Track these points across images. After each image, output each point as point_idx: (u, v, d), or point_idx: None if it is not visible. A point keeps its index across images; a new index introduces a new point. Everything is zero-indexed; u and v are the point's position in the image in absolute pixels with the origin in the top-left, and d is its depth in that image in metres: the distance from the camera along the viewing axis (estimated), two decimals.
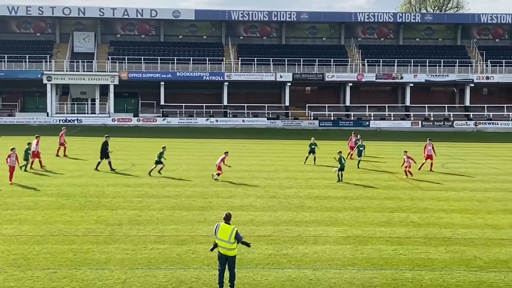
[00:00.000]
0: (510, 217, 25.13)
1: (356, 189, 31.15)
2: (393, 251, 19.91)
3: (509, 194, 30.46)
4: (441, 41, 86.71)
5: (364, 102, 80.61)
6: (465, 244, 20.88)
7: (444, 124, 76.84)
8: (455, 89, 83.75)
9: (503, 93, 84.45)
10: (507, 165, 41.70)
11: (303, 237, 21.43)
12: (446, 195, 30.05)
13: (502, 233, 22.46)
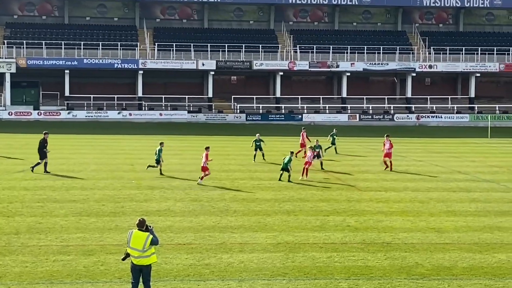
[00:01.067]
0: (454, 220, 25.89)
1: (288, 190, 31.43)
2: (328, 258, 20.19)
3: (453, 194, 31.37)
4: (380, 26, 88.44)
5: (296, 93, 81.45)
6: (406, 250, 21.37)
7: (384, 118, 78.48)
8: (395, 79, 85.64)
9: (447, 83, 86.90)
10: (451, 163, 42.95)
11: (227, 244, 21.47)
12: (385, 196, 30.69)
13: (446, 237, 23.11)
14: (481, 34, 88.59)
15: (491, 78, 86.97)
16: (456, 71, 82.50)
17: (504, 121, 78.45)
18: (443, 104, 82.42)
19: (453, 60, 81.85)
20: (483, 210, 27.83)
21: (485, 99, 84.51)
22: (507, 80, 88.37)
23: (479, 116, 78.80)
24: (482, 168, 40.72)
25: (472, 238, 22.97)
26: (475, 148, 53.24)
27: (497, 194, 31.81)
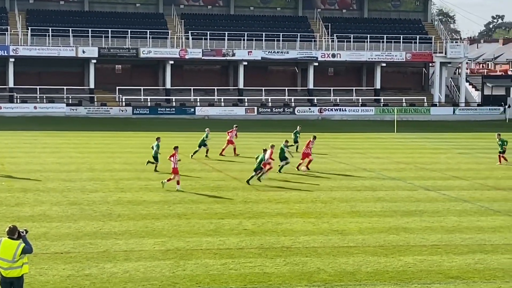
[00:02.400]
0: (358, 221, 26.45)
1: (178, 191, 31.34)
2: (222, 265, 20.26)
3: (357, 194, 32.07)
4: (280, 11, 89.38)
5: (188, 85, 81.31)
6: (307, 254, 21.68)
7: (284, 111, 79.38)
8: (296, 68, 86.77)
9: (352, 73, 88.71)
10: (355, 159, 43.91)
11: (111, 252, 21.24)
12: (285, 196, 31.06)
13: (350, 240, 23.60)
14: (386, 21, 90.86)
15: (397, 68, 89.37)
16: (361, 60, 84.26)
17: (411, 114, 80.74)
18: (347, 96, 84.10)
19: (358, 48, 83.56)
20: (389, 210, 28.56)
21: (392, 90, 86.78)
22: (414, 71, 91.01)
23: (385, 109, 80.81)
24: (388, 165, 41.81)
25: (377, 241, 23.53)
26: (380, 144, 54.59)
27: (403, 192, 32.72)
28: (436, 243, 23.31)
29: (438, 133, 64.72)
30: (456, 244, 23.27)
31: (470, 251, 22.44)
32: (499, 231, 25.25)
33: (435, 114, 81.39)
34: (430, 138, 59.91)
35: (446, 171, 39.62)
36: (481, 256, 21.76)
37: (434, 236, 24.31)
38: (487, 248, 22.77)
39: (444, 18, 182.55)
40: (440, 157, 45.75)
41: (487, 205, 30.09)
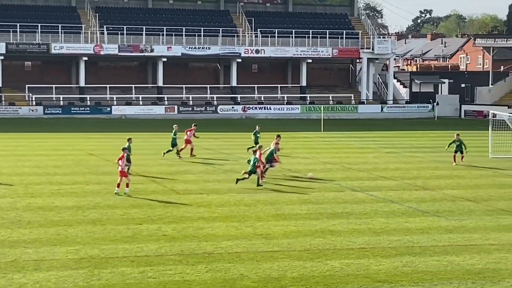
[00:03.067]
0: (283, 224, 26.59)
1: (93, 195, 31.02)
2: (140, 274, 20.11)
3: (283, 196, 32.24)
4: (201, 4, 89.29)
5: (104, 82, 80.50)
6: (229, 260, 21.69)
7: (206, 110, 79.35)
8: (218, 65, 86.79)
9: (276, 70, 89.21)
10: (281, 160, 44.04)
11: (20, 262, 20.88)
12: (207, 199, 31.03)
13: (274, 244, 23.70)
14: (312, 16, 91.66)
15: (323, 65, 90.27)
16: (286, 56, 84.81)
17: (338, 112, 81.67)
18: (272, 93, 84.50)
19: (283, 44, 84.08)
20: (315, 213, 28.79)
21: (318, 88, 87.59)
22: (340, 67, 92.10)
23: (312, 107, 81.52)
24: (315, 166, 42.16)
25: (303, 244, 23.69)
26: (307, 143, 55.03)
27: (330, 194, 33.03)
28: (364, 246, 23.60)
29: (365, 132, 65.58)
30: (384, 246, 23.60)
31: (398, 253, 22.78)
32: (427, 232, 25.71)
33: (363, 112, 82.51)
34: (358, 137, 60.66)
35: (373, 171, 40.16)
36: (409, 259, 22.11)
37: (361, 238, 24.61)
38: (415, 250, 23.16)
39: (371, 12, 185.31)
40: (367, 157, 46.36)
41: (415, 205, 30.61)
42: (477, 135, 57.57)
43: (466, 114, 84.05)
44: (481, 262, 21.89)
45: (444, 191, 34.14)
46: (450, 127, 70.56)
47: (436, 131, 67.37)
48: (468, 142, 54.24)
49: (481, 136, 53.72)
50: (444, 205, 30.76)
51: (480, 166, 42.30)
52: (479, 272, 20.88)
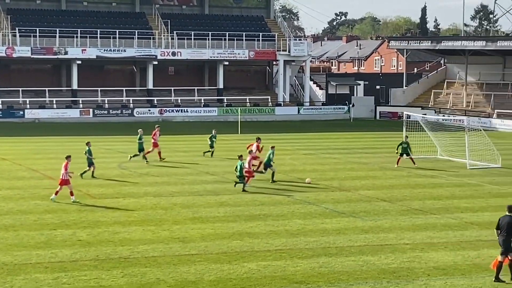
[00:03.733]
0: (200, 227, 26.58)
1: (6, 201, 30.50)
2: (54, 280, 19.84)
3: (200, 199, 32.22)
4: (116, 6, 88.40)
5: (16, 85, 78.95)
6: (146, 265, 21.57)
7: (122, 113, 78.58)
8: (134, 67, 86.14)
9: (193, 73, 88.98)
10: (198, 163, 44.00)
11: None
12: (123, 203, 30.78)
13: (192, 247, 23.67)
14: (228, 18, 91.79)
15: (240, 67, 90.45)
16: (203, 58, 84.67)
17: (255, 114, 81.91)
18: (189, 96, 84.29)
19: (199, 46, 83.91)
20: (233, 215, 28.86)
21: (235, 90, 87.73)
22: (257, 69, 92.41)
23: (229, 109, 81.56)
24: (232, 168, 42.13)
25: (220, 247, 23.72)
26: (224, 146, 54.94)
27: (247, 196, 33.16)
28: (281, 248, 23.75)
29: (283, 134, 65.93)
30: (301, 248, 23.79)
31: (315, 254, 22.99)
32: (343, 233, 26.02)
33: (280, 114, 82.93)
34: (275, 138, 60.82)
35: (290, 173, 40.43)
36: (325, 259, 22.34)
37: (278, 240, 24.76)
38: (332, 251, 23.42)
39: (288, 15, 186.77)
40: (285, 158, 46.60)
41: (331, 206, 30.95)
42: (392, 136, 58.48)
43: (381, 115, 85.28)
44: (396, 262, 22.27)
45: (359, 192, 34.61)
46: (366, 128, 71.64)
47: (352, 132, 68.22)
48: (383, 143, 55.16)
49: (395, 137, 54.53)
50: (360, 206, 31.19)
51: (394, 167, 43.01)
52: (394, 271, 21.24)
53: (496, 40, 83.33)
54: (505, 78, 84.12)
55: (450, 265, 22.01)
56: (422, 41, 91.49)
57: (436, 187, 36.56)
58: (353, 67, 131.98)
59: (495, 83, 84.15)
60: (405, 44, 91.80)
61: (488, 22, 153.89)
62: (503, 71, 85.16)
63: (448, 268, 21.74)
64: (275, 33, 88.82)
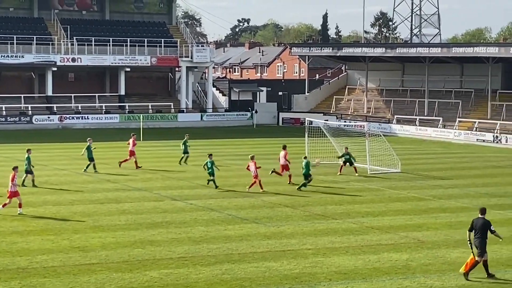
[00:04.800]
0: (101, 236, 26.26)
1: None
2: None
3: (101, 207, 31.87)
4: (13, 12, 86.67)
5: None
6: (45, 275, 21.19)
7: (21, 120, 77.09)
8: (33, 74, 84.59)
9: (94, 79, 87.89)
10: (99, 170, 43.45)
11: None
12: (18, 212, 30.15)
13: (92, 256, 23.35)
14: (130, 24, 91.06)
15: (142, 73, 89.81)
16: (104, 65, 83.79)
17: (158, 121, 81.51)
18: (90, 103, 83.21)
19: (100, 52, 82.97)
20: (134, 223, 28.63)
21: (137, 96, 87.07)
22: (160, 76, 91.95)
23: (131, 116, 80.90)
24: (134, 175, 41.91)
25: (121, 256, 23.48)
26: (126, 153, 54.37)
27: (149, 203, 32.94)
28: (183, 255, 23.67)
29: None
30: (203, 255, 23.77)
31: (218, 261, 23.00)
32: (246, 239, 26.11)
33: (183, 121, 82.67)
34: (178, 146, 60.62)
35: (193, 180, 40.36)
36: (228, 266, 22.37)
37: (181, 248, 24.67)
38: (234, 258, 23.46)
39: (190, 21, 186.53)
40: (187, 166, 46.48)
41: (234, 213, 31.02)
42: (295, 142, 58.99)
43: (284, 121, 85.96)
44: (298, 267, 22.46)
45: (262, 198, 34.80)
46: (269, 135, 72.10)
47: (255, 138, 68.57)
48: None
49: (298, 143, 55.11)
50: (262, 212, 31.36)
51: (298, 173, 43.32)
52: (296, 277, 21.41)
53: (395, 47, 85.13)
54: (404, 84, 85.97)
55: (351, 269, 22.33)
56: (324, 48, 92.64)
57: (337, 192, 37.06)
58: (256, 74, 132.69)
59: (394, 89, 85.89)
60: (307, 50, 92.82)
61: (387, 29, 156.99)
62: (402, 77, 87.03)
63: (349, 272, 22.05)
64: (178, 39, 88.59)
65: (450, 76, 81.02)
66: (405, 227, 28.62)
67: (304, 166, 37.66)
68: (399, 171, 44.75)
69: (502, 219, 30.66)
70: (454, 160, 53.14)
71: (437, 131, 73.04)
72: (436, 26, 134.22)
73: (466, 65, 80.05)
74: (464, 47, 78.13)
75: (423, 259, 23.63)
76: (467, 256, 24.13)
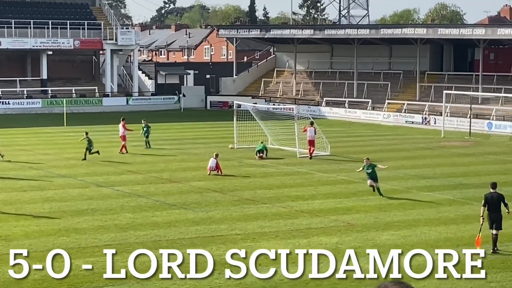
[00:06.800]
0: (24, 224, 25.97)
1: None
2: None
3: (24, 195, 31.49)
4: None
5: None
6: None
7: None
8: None
9: (15, 62, 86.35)
10: (21, 157, 42.89)
11: None
12: None
13: (15, 245, 23.03)
14: (51, 5, 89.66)
15: (65, 57, 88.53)
16: (25, 48, 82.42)
17: (82, 105, 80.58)
18: (11, 87, 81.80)
19: (20, 35, 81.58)
20: (59, 211, 28.33)
21: (60, 81, 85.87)
22: (83, 59, 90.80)
23: (54, 100, 79.79)
24: (58, 162, 41.43)
25: (45, 244, 23.25)
26: (49, 139, 53.90)
27: (74, 190, 32.61)
28: (110, 243, 23.54)
29: (111, 125, 65.05)
30: (131, 242, 23.67)
31: (145, 248, 22.84)
32: (174, 225, 26.07)
33: (108, 105, 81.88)
34: (103, 130, 60.12)
35: (119, 165, 40.10)
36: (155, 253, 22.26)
37: (107, 235, 24.53)
38: (162, 244, 23.41)
39: (114, 2, 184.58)
40: (114, 151, 46.09)
41: (162, 199, 30.93)
42: (223, 125, 59.03)
43: (212, 105, 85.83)
44: (227, 252, 22.47)
45: (191, 183, 34.76)
46: (197, 118, 71.98)
47: (183, 122, 68.37)
48: (214, 133, 55.63)
49: (226, 126, 55.11)
50: (191, 197, 31.34)
51: (225, 157, 43.32)
52: (225, 263, 21.42)
53: (323, 28, 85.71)
54: (333, 67, 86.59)
55: None
56: (252, 30, 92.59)
57: (267, 176, 37.24)
58: (183, 56, 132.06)
59: (323, 71, 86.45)
60: (234, 32, 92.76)
61: (316, 11, 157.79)
62: (331, 59, 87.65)
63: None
64: (101, 21, 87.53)
65: (379, 58, 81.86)
66: (335, 210, 28.92)
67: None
68: (329, 154, 45.12)
69: (430, 200, 31.21)
70: (384, 142, 53.83)
71: (366, 113, 73.86)
72: (365, 7, 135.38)
73: (395, 46, 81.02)
74: (392, 28, 79.02)
75: (353, 242, 23.91)
76: (396, 238, 24.55)
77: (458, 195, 32.42)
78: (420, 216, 28.20)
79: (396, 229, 25.89)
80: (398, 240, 24.22)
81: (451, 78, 74.91)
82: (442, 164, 42.06)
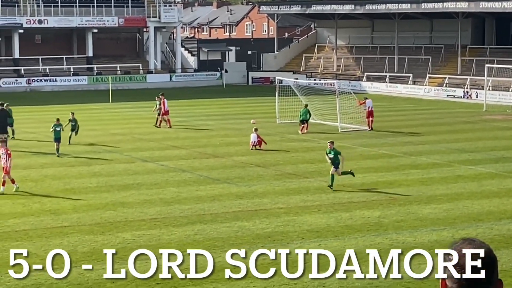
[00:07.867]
0: (72, 198, 26.21)
1: None
2: None
3: (71, 170, 31.77)
4: None
5: None
6: (17, 239, 21.14)
7: None
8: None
9: (61, 41, 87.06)
10: (66, 133, 43.21)
11: None
12: None
13: (63, 219, 23.32)
14: None
15: (110, 35, 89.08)
16: (71, 26, 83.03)
17: (126, 82, 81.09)
18: (58, 65, 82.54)
19: (66, 13, 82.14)
20: (106, 185, 28.59)
21: (105, 58, 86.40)
22: (127, 37, 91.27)
23: (99, 77, 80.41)
24: (104, 137, 41.74)
25: (93, 218, 23.47)
26: (95, 115, 54.30)
27: (120, 165, 32.87)
28: (155, 217, 23.71)
29: (154, 102, 65.39)
30: (175, 216, 23.81)
31: (190, 222, 23.05)
32: (218, 199, 26.17)
33: (152, 82, 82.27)
34: (147, 107, 60.35)
35: (163, 141, 40.29)
36: (200, 227, 22.43)
37: (153, 209, 24.70)
38: (206, 218, 23.53)
39: None
40: (157, 127, 46.32)
41: (206, 173, 31.04)
42: (265, 101, 59.03)
43: (254, 81, 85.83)
44: (271, 226, 22.57)
45: (233, 158, 34.84)
46: (238, 94, 71.99)
47: (225, 98, 68.46)
48: (256, 108, 55.71)
49: (268, 102, 55.10)
50: (234, 172, 31.41)
51: (267, 132, 43.34)
52: (269, 236, 21.53)
53: (364, 3, 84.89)
54: (374, 42, 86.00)
55: (323, 227, 22.48)
56: (292, 6, 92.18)
57: (308, 150, 37.19)
58: (225, 33, 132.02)
59: (364, 46, 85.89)
60: (275, 9, 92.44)
61: None
62: (371, 34, 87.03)
63: (322, 230, 22.21)
64: None
65: (420, 32, 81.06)
66: (376, 184, 28.82)
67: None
68: (370, 128, 44.93)
69: (473, 174, 30.97)
70: (425, 116, 53.44)
71: (407, 87, 73.33)
72: None
73: (436, 20, 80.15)
74: (433, 2, 77.95)
75: (395, 216, 23.84)
76: (438, 212, 24.42)
77: (501, 168, 32.12)
78: (463, 189, 28.00)
79: (438, 202, 25.73)
80: (440, 214, 24.09)
81: (493, 52, 73.97)
82: (484, 137, 41.66)
